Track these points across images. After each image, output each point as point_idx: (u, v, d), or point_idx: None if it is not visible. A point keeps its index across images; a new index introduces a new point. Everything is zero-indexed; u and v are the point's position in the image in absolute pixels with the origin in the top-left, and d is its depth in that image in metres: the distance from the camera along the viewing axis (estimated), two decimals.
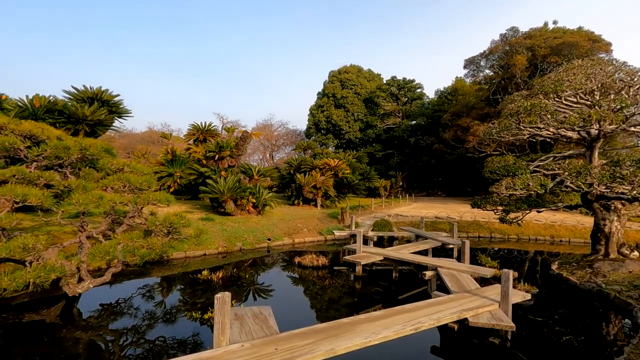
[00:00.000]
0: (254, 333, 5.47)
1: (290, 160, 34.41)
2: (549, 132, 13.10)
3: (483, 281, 10.41)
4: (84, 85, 18.26)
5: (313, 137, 59.32)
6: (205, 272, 12.07)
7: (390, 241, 20.47)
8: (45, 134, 9.74)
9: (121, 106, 19.42)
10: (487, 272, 9.79)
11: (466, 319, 6.63)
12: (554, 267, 13.77)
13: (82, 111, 16.48)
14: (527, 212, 15.11)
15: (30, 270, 6.41)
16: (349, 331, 5.52)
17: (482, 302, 7.23)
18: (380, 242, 19.76)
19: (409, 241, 19.09)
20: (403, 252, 12.48)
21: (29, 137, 9.52)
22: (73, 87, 18.25)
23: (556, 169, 13.75)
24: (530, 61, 36.46)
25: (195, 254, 15.27)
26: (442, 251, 16.70)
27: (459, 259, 12.81)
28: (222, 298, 4.85)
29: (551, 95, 13.15)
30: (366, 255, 12.19)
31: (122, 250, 7.81)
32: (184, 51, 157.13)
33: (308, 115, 62.77)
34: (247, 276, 12.84)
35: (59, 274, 6.80)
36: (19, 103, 16.13)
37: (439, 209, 29.93)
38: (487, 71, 44.07)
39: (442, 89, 60.00)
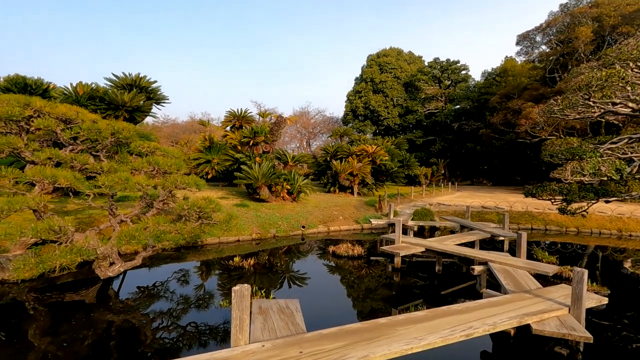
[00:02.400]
0: (278, 331, 4.86)
1: (327, 146, 33.62)
2: (627, 109, 11.14)
3: (538, 278, 9.07)
4: (123, 72, 18.68)
5: (350, 124, 57.96)
6: (237, 259, 11.79)
7: (432, 231, 19.20)
8: (79, 117, 9.76)
9: (159, 93, 19.66)
10: (549, 269, 8.47)
11: (528, 325, 5.57)
12: (627, 265, 11.95)
13: (122, 97, 16.81)
14: (593, 202, 13.20)
15: (58, 252, 6.29)
16: (386, 335, 4.73)
17: (547, 306, 6.09)
18: (421, 232, 18.59)
19: (452, 232, 17.72)
20: (447, 244, 11.35)
21: (63, 120, 9.57)
22: (113, 74, 18.75)
23: (629, 152, 11.78)
24: (596, 33, 32.37)
25: (229, 240, 15.16)
26: (489, 243, 15.25)
27: (512, 252, 11.46)
28: (240, 291, 4.26)
29: (630, 65, 11.12)
30: (406, 245, 11.22)
31: (150, 235, 7.58)
32: (224, 40, 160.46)
33: (345, 101, 61.35)
34: (279, 264, 12.41)
35: (86, 256, 6.65)
36: (64, 91, 16.77)
37: (485, 199, 27.81)
38: (543, 47, 39.95)
39: (489, 70, 55.89)
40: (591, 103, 11.45)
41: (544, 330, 5.39)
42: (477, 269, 8.87)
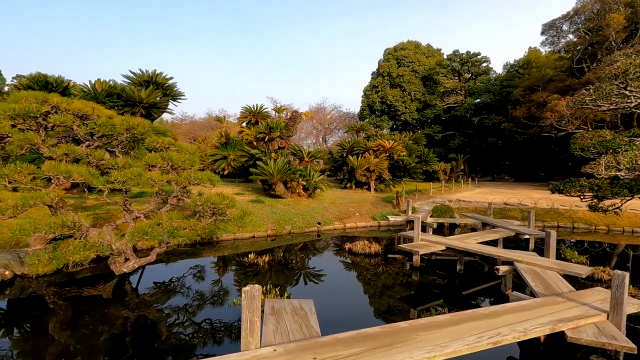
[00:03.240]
0: (291, 333, 4.61)
1: (343, 142, 33.18)
2: None
3: (567, 279, 8.48)
4: (140, 69, 18.84)
5: (367, 120, 57.18)
6: (251, 256, 11.66)
7: (451, 229, 18.61)
8: (95, 113, 9.78)
9: (175, 89, 19.76)
10: (582, 270, 7.90)
11: (562, 332, 5.12)
12: None
13: (138, 94, 16.95)
14: (627, 198, 12.38)
15: (71, 248, 6.24)
16: (407, 340, 4.40)
17: (582, 311, 5.60)
18: (440, 230, 18.02)
19: (473, 229, 17.10)
20: (469, 242, 10.85)
21: (80, 116, 9.59)
22: (130, 71, 18.93)
23: None
24: (629, 20, 30.58)
25: (244, 236, 15.08)
26: (512, 242, 14.59)
27: (538, 251, 10.86)
28: (250, 292, 4.02)
29: None
30: (425, 244, 10.79)
31: (162, 231, 7.48)
32: (240, 38, 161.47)
33: (362, 96, 60.60)
34: (294, 261, 12.20)
35: (99, 252, 6.60)
36: (83, 89, 17.06)
37: (508, 195, 26.84)
38: (571, 36, 38.10)
39: (512, 62, 53.99)
40: (627, 92, 10.66)
41: (580, 338, 4.93)
42: (502, 269, 8.37)
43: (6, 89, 39.84)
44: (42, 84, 16.39)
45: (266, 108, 28.76)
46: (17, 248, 9.46)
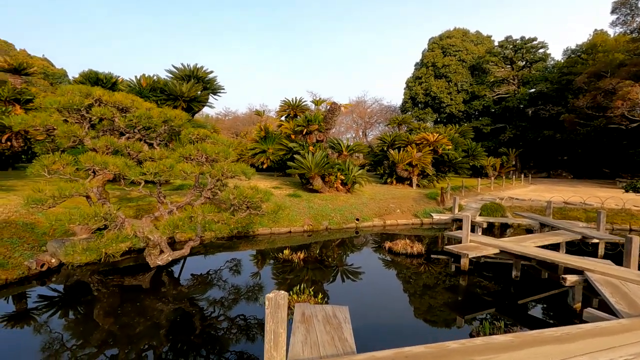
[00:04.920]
0: (322, 347, 4.05)
1: (384, 136, 31.98)
2: None
3: None
4: (182, 64, 19.20)
5: (409, 112, 55.04)
6: (286, 252, 11.30)
7: (502, 229, 17.06)
8: (134, 106, 9.86)
9: (215, 83, 19.93)
10: None
11: None
12: None
13: (180, 88, 17.26)
14: None
15: (104, 240, 6.20)
16: None
17: None
18: (490, 230, 16.58)
19: (528, 231, 15.52)
20: (527, 245, 9.62)
21: (120, 108, 9.72)
22: (173, 65, 19.37)
23: None
24: None
25: (281, 231, 14.83)
26: (573, 246, 12.85)
27: (610, 259, 9.38)
28: (275, 300, 3.51)
29: None
30: (475, 246, 9.73)
31: (194, 224, 7.29)
32: (281, 32, 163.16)
33: (404, 88, 58.46)
34: (330, 259, 11.65)
35: (132, 244, 6.51)
36: (130, 84, 17.70)
37: (568, 193, 24.27)
38: None
39: (573, 47, 48.98)
40: None
41: None
42: (570, 279, 7.20)
43: None
44: (93, 80, 17.24)
45: (305, 101, 28.40)
46: (64, 237, 9.83)
